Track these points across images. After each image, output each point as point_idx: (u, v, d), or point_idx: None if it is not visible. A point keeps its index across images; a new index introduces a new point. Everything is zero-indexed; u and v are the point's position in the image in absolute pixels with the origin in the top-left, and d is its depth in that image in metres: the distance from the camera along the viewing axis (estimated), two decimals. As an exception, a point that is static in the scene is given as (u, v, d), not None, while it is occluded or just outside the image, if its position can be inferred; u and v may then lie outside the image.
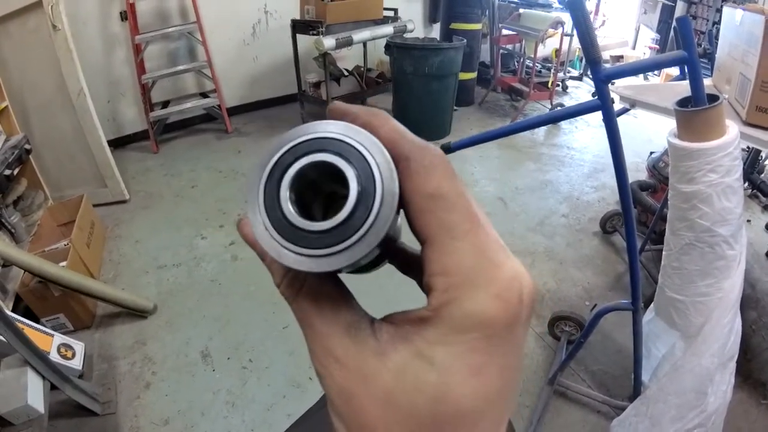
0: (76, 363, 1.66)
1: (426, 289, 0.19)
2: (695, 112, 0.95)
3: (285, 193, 0.19)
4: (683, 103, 0.99)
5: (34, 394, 1.37)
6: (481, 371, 0.17)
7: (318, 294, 0.20)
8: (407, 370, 0.17)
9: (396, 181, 0.18)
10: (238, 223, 0.21)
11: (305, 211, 0.19)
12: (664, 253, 1.19)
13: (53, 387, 1.47)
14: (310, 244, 0.18)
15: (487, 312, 0.17)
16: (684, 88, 1.00)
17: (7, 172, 2.06)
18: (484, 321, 0.17)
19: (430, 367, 0.17)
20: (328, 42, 3.38)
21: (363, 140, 0.19)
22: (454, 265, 0.17)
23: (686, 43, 0.89)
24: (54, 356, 1.58)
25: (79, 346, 1.72)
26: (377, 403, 0.17)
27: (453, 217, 0.18)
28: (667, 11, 5.65)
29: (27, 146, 2.30)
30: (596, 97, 0.97)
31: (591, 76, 0.95)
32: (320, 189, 0.21)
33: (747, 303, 1.59)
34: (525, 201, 2.93)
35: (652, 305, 1.37)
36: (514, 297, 0.17)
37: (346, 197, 0.18)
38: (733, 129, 0.97)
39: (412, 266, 0.25)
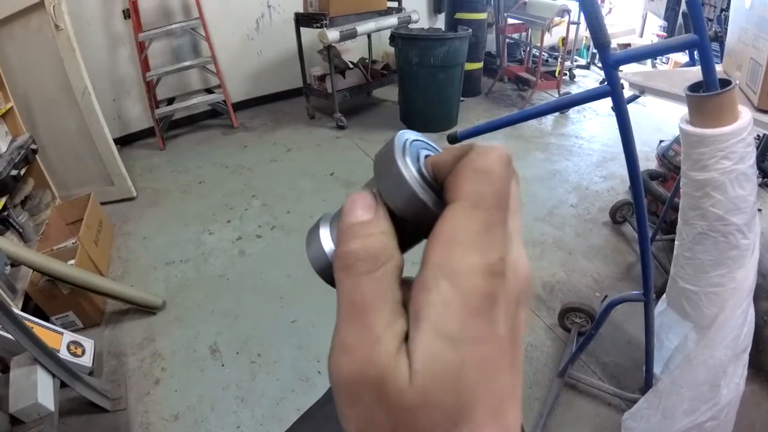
0: (86, 360, 1.66)
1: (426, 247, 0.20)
2: (708, 96, 0.93)
3: (421, 157, 0.23)
4: (695, 88, 0.97)
5: (45, 391, 1.37)
6: (474, 335, 0.17)
7: (390, 288, 0.19)
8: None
9: None
10: (353, 195, 0.22)
11: None
12: (676, 242, 1.17)
13: (63, 384, 1.48)
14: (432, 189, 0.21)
15: (473, 278, 0.18)
16: (695, 73, 0.98)
17: (14, 172, 2.07)
18: (470, 281, 0.18)
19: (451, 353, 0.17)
20: (332, 34, 3.36)
21: None
22: (462, 224, 0.19)
23: (697, 26, 0.86)
24: (64, 354, 1.59)
25: (88, 344, 1.73)
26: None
27: (486, 191, 0.19)
28: (675, -2, 5.55)
29: (33, 146, 2.31)
30: (605, 84, 0.94)
31: (599, 63, 0.92)
32: None
33: (759, 294, 1.56)
34: (533, 191, 2.90)
35: (663, 296, 1.35)
36: (496, 271, 0.18)
37: None
38: (746, 114, 0.94)
39: None
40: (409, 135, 0.24)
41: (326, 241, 0.24)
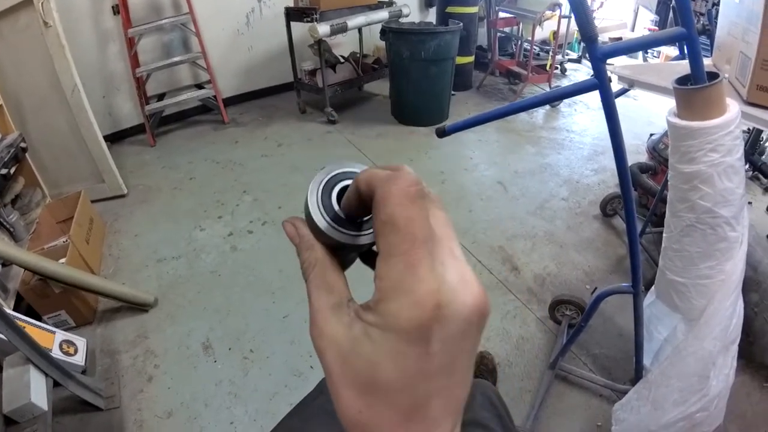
0: (79, 359, 1.66)
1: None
2: (695, 89, 0.93)
3: (334, 196, 0.29)
4: (682, 81, 0.97)
5: (38, 391, 1.37)
6: (402, 354, 0.21)
7: (320, 279, 0.27)
8: (357, 340, 0.22)
9: None
10: (283, 224, 0.30)
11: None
12: (664, 235, 1.18)
13: (56, 384, 1.47)
14: (342, 225, 0.28)
15: (402, 315, 0.21)
16: (684, 67, 0.98)
17: (4, 171, 2.05)
18: (401, 321, 0.21)
19: (369, 341, 0.22)
20: (323, 29, 3.34)
21: None
22: (387, 274, 0.22)
23: (685, 19, 0.87)
24: (56, 353, 1.58)
25: (81, 342, 1.72)
26: (338, 361, 0.23)
27: (395, 240, 0.22)
28: (667, -9, 5.55)
29: (23, 144, 2.29)
30: (593, 77, 0.95)
31: (588, 56, 0.93)
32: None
33: (749, 285, 1.58)
34: (525, 185, 2.91)
35: (653, 288, 1.36)
36: (429, 307, 0.21)
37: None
38: (733, 107, 0.95)
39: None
40: (327, 173, 0.29)
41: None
